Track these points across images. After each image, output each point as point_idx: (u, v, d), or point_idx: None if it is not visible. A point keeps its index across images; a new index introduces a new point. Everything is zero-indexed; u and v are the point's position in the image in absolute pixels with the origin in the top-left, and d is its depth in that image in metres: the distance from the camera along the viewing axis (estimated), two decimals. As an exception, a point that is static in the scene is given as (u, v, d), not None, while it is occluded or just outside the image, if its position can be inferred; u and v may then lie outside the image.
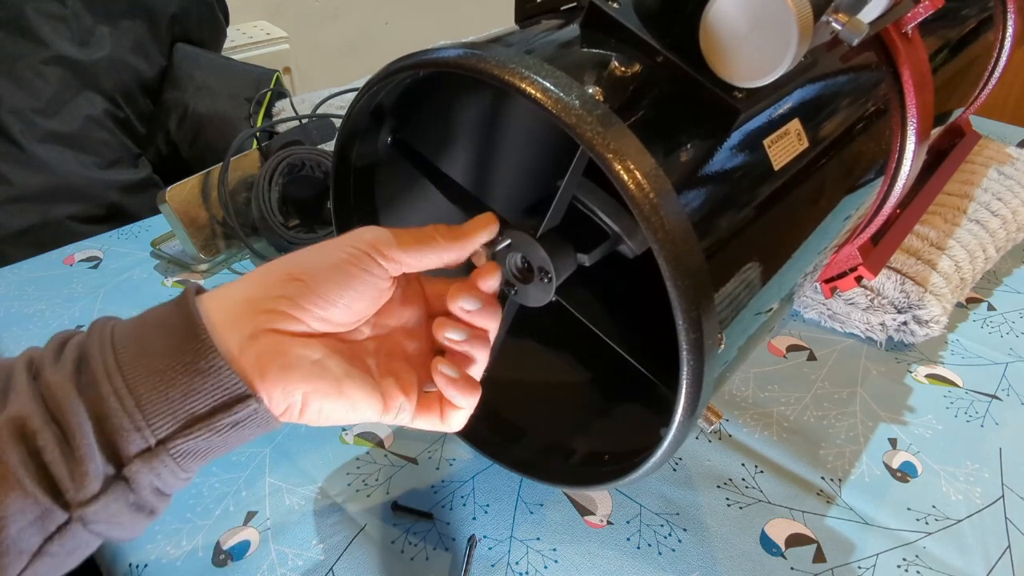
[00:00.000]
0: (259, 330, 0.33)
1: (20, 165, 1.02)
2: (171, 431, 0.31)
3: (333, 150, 0.49)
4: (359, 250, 0.36)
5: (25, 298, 0.75)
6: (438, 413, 0.40)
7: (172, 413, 0.31)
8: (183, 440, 0.31)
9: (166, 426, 0.31)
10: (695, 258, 0.34)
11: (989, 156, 0.88)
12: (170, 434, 0.31)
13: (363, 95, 0.43)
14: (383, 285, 0.38)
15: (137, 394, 0.30)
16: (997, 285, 0.79)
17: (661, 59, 0.38)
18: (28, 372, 0.31)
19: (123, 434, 0.30)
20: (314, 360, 0.35)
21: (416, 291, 0.43)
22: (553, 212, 0.42)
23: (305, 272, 0.35)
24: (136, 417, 0.30)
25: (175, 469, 0.31)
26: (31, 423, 0.29)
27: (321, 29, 2.08)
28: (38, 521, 0.29)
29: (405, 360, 0.41)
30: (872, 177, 0.52)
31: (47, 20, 1.03)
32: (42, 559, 0.30)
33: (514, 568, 0.50)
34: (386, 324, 0.41)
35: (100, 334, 0.32)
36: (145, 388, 0.30)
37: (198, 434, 0.31)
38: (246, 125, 1.16)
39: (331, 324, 0.36)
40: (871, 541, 0.52)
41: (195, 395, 0.31)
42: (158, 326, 0.32)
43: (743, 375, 0.66)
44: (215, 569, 0.50)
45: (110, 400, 0.30)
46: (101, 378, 0.30)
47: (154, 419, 0.30)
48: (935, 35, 0.59)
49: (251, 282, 0.35)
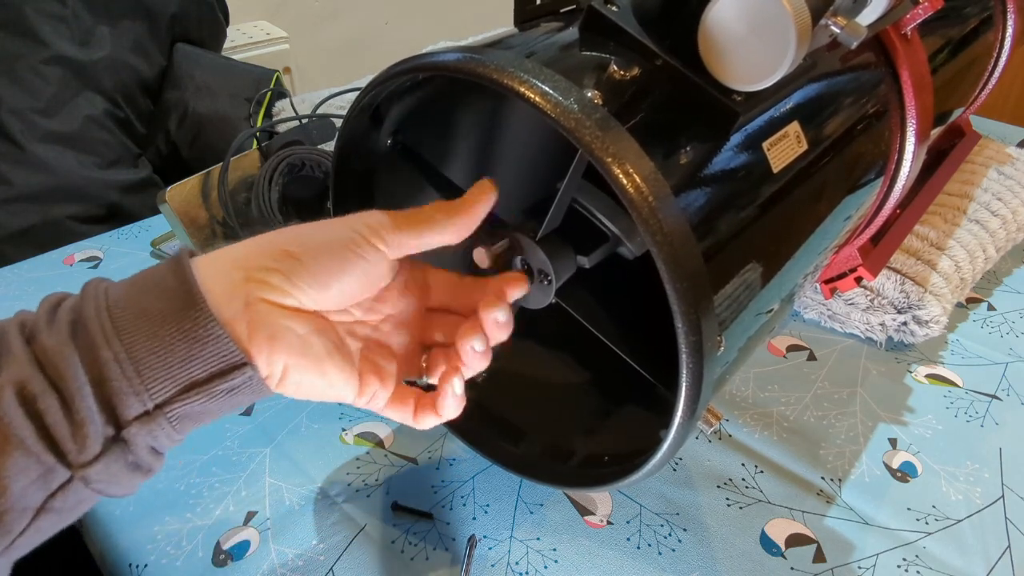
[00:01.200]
0: (251, 298, 0.33)
1: (20, 165, 1.02)
2: (169, 396, 0.31)
3: (333, 152, 0.49)
4: (359, 234, 0.36)
5: (25, 298, 0.75)
6: (411, 410, 0.41)
7: (171, 379, 0.31)
8: (180, 405, 0.32)
9: (164, 391, 0.31)
10: (694, 261, 0.34)
11: (989, 156, 0.88)
12: (168, 399, 0.31)
13: (363, 97, 0.43)
14: (381, 270, 0.38)
15: (136, 359, 0.31)
16: (997, 285, 0.79)
17: (660, 62, 0.38)
18: (22, 335, 0.31)
19: (122, 398, 0.31)
20: (299, 335, 0.35)
21: (419, 282, 0.43)
22: (553, 214, 0.42)
23: (303, 250, 0.35)
24: (135, 382, 0.31)
25: (170, 432, 0.32)
26: (31, 386, 0.30)
27: (321, 29, 2.08)
28: (40, 479, 0.30)
29: (389, 349, 0.41)
30: (872, 178, 0.52)
31: (47, 20, 1.03)
32: (45, 515, 0.31)
33: (514, 568, 0.50)
34: (380, 310, 0.41)
35: (95, 297, 0.32)
36: (144, 353, 0.31)
37: (195, 399, 0.32)
38: (246, 125, 1.16)
39: (322, 304, 0.36)
40: (871, 541, 0.52)
41: (193, 361, 0.32)
42: (155, 290, 0.33)
43: (743, 375, 0.66)
44: (215, 569, 0.50)
45: (110, 365, 0.30)
46: (100, 343, 0.30)
47: (153, 384, 0.31)
48: (934, 35, 0.59)
49: (246, 250, 0.35)
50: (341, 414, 0.62)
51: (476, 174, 0.54)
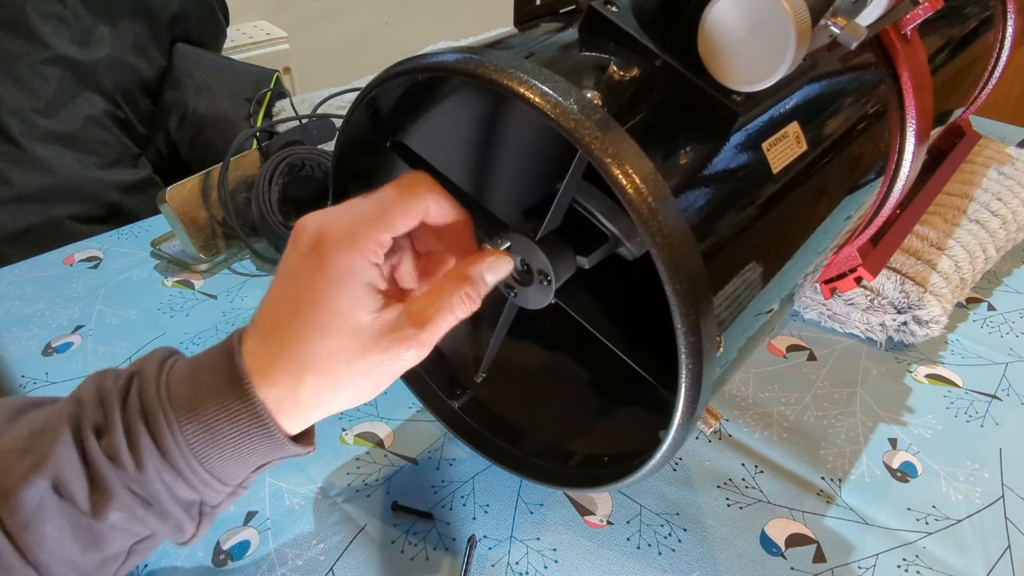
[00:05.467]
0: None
1: (20, 165, 1.02)
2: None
3: (333, 152, 0.49)
4: (392, 353, 0.36)
5: (25, 298, 0.75)
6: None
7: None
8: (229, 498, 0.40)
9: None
10: (693, 261, 0.34)
11: (989, 156, 0.88)
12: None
13: (362, 98, 0.43)
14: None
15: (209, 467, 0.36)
16: (997, 285, 0.79)
17: (659, 63, 0.38)
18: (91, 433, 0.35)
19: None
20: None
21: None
22: (552, 215, 0.42)
23: (339, 384, 0.37)
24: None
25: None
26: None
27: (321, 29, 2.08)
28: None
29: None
30: (871, 178, 0.52)
31: (47, 20, 1.03)
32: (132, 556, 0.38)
33: (514, 568, 0.50)
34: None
35: (164, 411, 0.35)
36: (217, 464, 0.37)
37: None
38: (246, 125, 1.16)
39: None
40: (871, 541, 0.52)
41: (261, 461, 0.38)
42: (224, 415, 0.36)
43: (743, 375, 0.66)
44: (215, 569, 0.50)
45: (191, 479, 0.36)
46: (181, 465, 0.35)
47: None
48: (934, 35, 0.59)
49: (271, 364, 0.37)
50: (341, 414, 0.62)
51: (475, 174, 0.55)
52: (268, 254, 0.82)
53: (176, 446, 0.34)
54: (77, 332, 0.71)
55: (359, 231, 0.36)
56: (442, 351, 0.58)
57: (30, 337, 0.70)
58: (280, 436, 0.36)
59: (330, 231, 0.36)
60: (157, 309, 0.74)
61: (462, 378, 0.57)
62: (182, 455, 0.35)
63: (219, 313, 0.73)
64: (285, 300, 0.36)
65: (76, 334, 0.71)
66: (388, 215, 0.37)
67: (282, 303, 0.36)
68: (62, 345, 0.69)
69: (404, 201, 0.37)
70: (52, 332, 0.71)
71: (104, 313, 0.74)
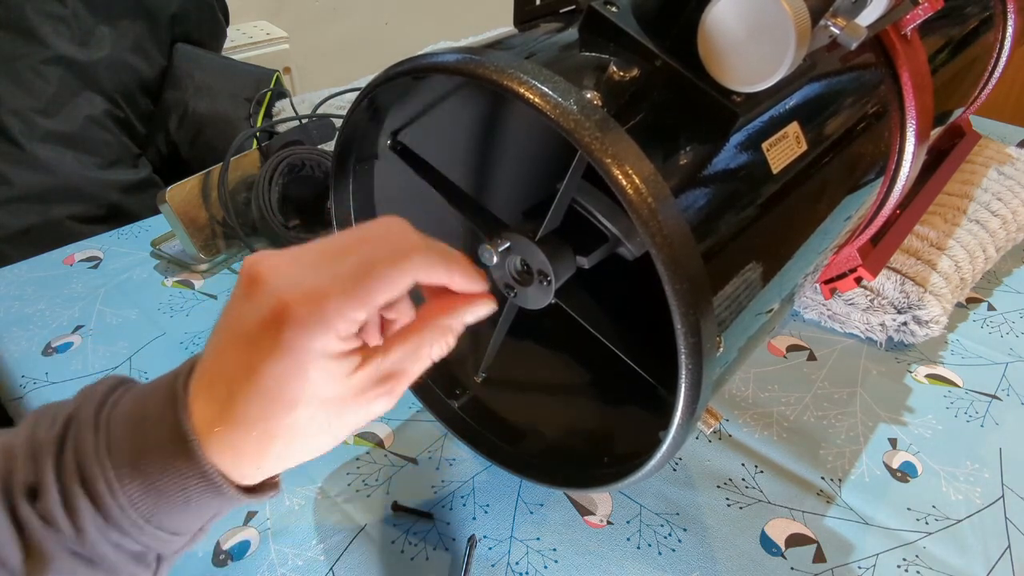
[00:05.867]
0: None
1: (20, 165, 1.02)
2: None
3: (333, 152, 0.49)
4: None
5: (25, 298, 0.75)
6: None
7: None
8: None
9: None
10: (693, 262, 0.34)
11: (989, 156, 0.88)
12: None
13: (363, 98, 0.43)
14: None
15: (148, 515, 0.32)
16: (997, 285, 0.79)
17: (659, 63, 0.38)
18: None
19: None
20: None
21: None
22: (552, 215, 0.42)
23: (289, 440, 0.32)
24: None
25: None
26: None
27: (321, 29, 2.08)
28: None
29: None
30: (871, 178, 0.52)
31: (47, 20, 1.03)
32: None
33: (514, 568, 0.50)
34: None
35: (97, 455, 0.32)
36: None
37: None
38: (246, 125, 1.16)
39: None
40: (871, 541, 0.52)
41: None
42: (169, 475, 0.32)
43: (743, 375, 0.66)
44: (215, 569, 0.50)
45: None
46: (125, 525, 0.32)
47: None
48: (934, 35, 0.59)
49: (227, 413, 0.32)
50: (341, 414, 0.62)
51: (476, 174, 0.55)
52: (268, 254, 0.82)
53: (119, 507, 0.31)
54: (77, 332, 0.71)
55: (329, 309, 0.30)
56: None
57: (30, 337, 0.70)
58: (233, 494, 0.32)
59: (294, 306, 0.30)
60: (157, 309, 0.74)
61: (462, 378, 0.57)
62: (125, 515, 0.31)
63: (219, 313, 0.73)
64: (241, 370, 0.31)
65: (76, 334, 0.71)
66: (369, 290, 0.31)
67: (238, 372, 0.31)
68: (62, 345, 0.69)
69: (390, 272, 0.31)
70: (52, 332, 0.71)
71: (104, 313, 0.74)
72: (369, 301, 0.31)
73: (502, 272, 0.48)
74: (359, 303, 0.30)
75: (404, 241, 0.33)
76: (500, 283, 0.49)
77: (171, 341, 0.70)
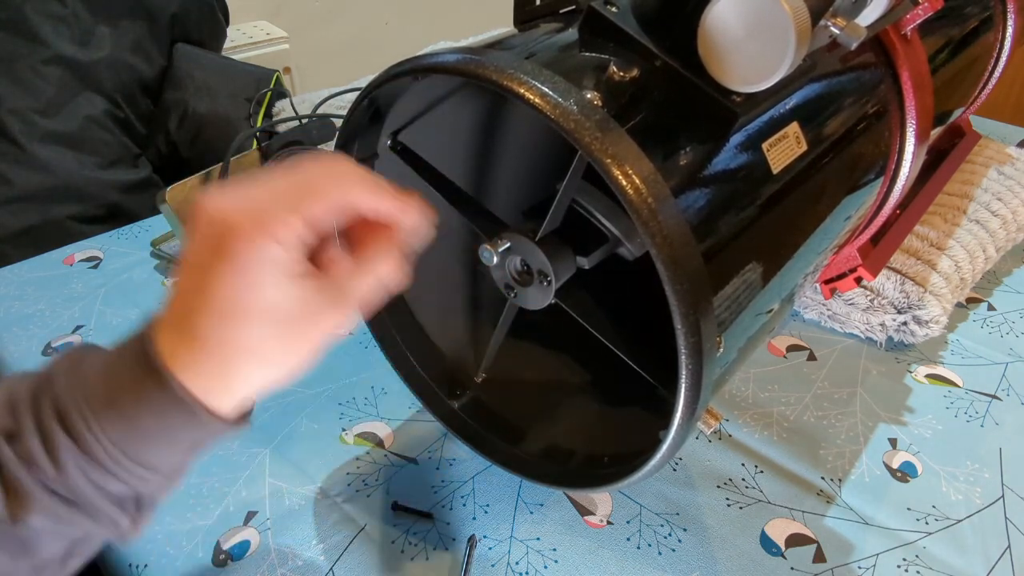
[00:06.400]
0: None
1: (20, 165, 1.02)
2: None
3: (333, 152, 0.49)
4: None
5: (25, 298, 0.75)
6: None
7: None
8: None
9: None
10: (693, 262, 0.34)
11: (989, 156, 0.88)
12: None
13: (363, 98, 0.43)
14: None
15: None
16: (997, 285, 0.79)
17: (659, 63, 0.38)
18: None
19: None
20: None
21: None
22: (552, 215, 0.42)
23: (247, 356, 0.34)
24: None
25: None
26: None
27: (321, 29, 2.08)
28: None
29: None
30: (871, 178, 0.52)
31: (47, 20, 1.03)
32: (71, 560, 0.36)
33: (514, 568, 0.50)
34: None
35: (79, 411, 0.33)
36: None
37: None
38: (246, 125, 1.16)
39: None
40: (871, 541, 0.52)
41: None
42: (144, 405, 0.34)
43: (743, 375, 0.66)
44: (215, 569, 0.50)
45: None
46: (103, 458, 0.33)
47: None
48: (934, 35, 0.59)
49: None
50: (341, 414, 0.62)
51: (476, 175, 0.55)
52: (268, 254, 0.82)
53: (96, 440, 0.32)
54: (77, 332, 0.71)
55: (268, 218, 0.32)
56: (442, 351, 0.58)
57: (30, 337, 0.70)
58: (208, 419, 0.34)
59: (238, 220, 0.33)
60: (157, 309, 0.74)
61: (462, 378, 0.57)
62: (103, 449, 0.32)
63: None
64: (195, 291, 0.34)
65: (76, 334, 0.71)
66: (306, 201, 0.33)
67: (192, 294, 0.34)
68: (62, 345, 0.69)
69: (326, 186, 0.34)
70: (52, 332, 0.71)
71: (104, 313, 0.74)
72: (305, 210, 0.33)
73: (502, 272, 0.48)
74: (296, 212, 0.33)
75: (340, 165, 0.35)
76: (500, 283, 0.49)
77: (171, 341, 0.70)
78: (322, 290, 0.35)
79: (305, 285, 0.34)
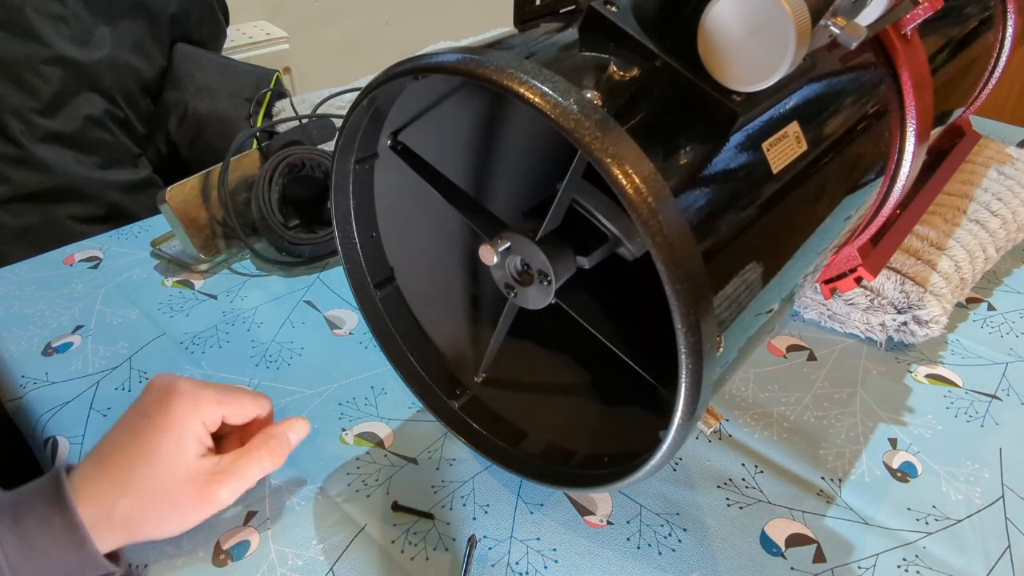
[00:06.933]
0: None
1: (20, 165, 1.02)
2: None
3: (333, 152, 0.49)
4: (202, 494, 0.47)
5: (25, 298, 0.75)
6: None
7: None
8: None
9: None
10: (693, 262, 0.34)
11: (989, 156, 0.88)
12: None
13: (363, 98, 0.43)
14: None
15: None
16: (997, 285, 0.79)
17: (659, 63, 0.38)
18: None
19: None
20: None
21: None
22: (552, 215, 0.42)
23: (137, 496, 0.45)
24: None
25: None
26: None
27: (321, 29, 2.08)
28: None
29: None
30: (871, 178, 0.52)
31: (47, 20, 1.03)
32: None
33: (514, 568, 0.50)
34: None
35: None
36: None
37: None
38: (246, 125, 1.16)
39: None
40: (871, 541, 0.52)
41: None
42: (41, 526, 0.43)
43: (743, 375, 0.66)
44: (215, 569, 0.50)
45: None
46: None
47: None
48: (934, 35, 0.59)
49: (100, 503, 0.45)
50: (341, 414, 0.62)
51: (476, 174, 0.55)
52: (268, 254, 0.82)
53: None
54: (77, 332, 0.71)
55: (204, 396, 0.48)
56: (442, 351, 0.58)
57: (30, 337, 0.70)
58: (90, 547, 0.43)
59: (181, 386, 0.47)
60: (157, 309, 0.74)
61: (462, 378, 0.57)
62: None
63: (219, 313, 0.73)
64: (128, 430, 0.46)
65: (76, 334, 0.71)
66: (233, 398, 0.50)
67: (125, 431, 0.46)
68: (62, 345, 0.69)
69: (248, 401, 0.52)
70: (52, 332, 0.71)
71: (104, 313, 0.74)
72: (230, 403, 0.49)
73: (502, 272, 0.48)
74: (223, 402, 0.49)
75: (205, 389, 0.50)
76: (500, 283, 0.49)
77: (171, 341, 0.70)
78: (216, 471, 0.47)
79: (205, 461, 0.47)
